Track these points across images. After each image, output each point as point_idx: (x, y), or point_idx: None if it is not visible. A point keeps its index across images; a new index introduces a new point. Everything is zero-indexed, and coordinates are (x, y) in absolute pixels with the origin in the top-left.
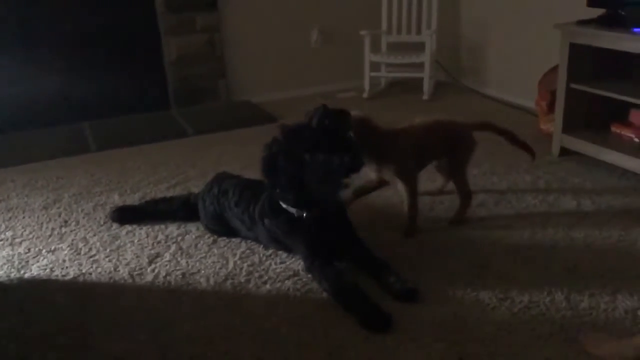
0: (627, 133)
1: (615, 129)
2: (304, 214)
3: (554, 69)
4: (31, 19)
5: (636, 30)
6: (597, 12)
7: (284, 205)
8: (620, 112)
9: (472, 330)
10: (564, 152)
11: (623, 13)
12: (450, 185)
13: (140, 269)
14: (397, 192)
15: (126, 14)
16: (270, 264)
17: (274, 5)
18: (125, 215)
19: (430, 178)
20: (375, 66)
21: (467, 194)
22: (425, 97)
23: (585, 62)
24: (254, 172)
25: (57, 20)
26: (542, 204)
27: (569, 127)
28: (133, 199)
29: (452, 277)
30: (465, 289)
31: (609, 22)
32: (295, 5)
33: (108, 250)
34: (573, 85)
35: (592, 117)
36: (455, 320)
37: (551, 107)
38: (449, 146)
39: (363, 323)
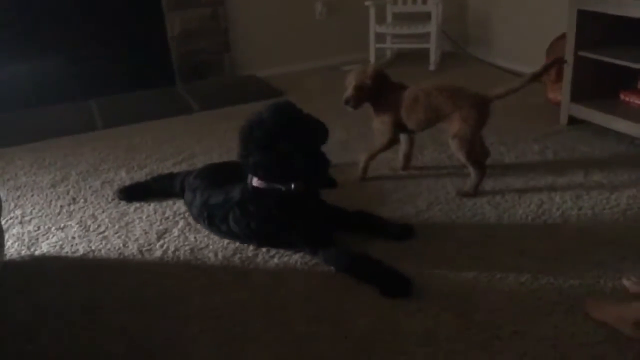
0: (636, 100)
1: (624, 96)
2: (292, 186)
3: (562, 36)
4: None
5: None
6: None
7: (261, 186)
8: (628, 80)
9: (479, 300)
10: (572, 120)
11: None
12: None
13: (149, 244)
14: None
15: None
16: None
17: None
18: (131, 193)
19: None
20: (380, 37)
21: (480, 166)
22: (431, 67)
23: (593, 29)
24: None
25: None
26: (550, 174)
27: (577, 96)
28: (140, 176)
29: (459, 247)
30: (473, 259)
31: None
32: None
33: (117, 226)
34: (581, 53)
35: (600, 85)
36: (462, 290)
37: (559, 76)
38: (450, 111)
39: (384, 290)
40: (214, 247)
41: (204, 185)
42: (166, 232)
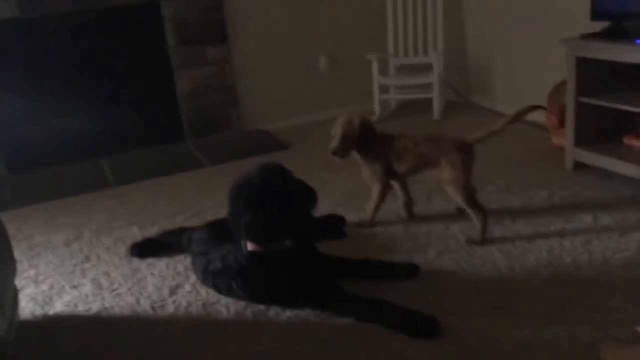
0: (639, 144)
1: (627, 140)
2: (287, 244)
3: (563, 83)
4: (44, 59)
5: (639, 41)
6: (601, 25)
7: (257, 250)
8: (631, 124)
9: (493, 350)
10: (578, 165)
11: (626, 26)
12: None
13: (162, 300)
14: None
15: (139, 50)
16: None
17: (281, 35)
18: (143, 249)
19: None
20: (384, 89)
21: (479, 209)
22: (435, 116)
23: (593, 75)
24: None
25: (72, 59)
26: (559, 220)
27: (580, 141)
28: (152, 232)
29: (471, 296)
30: (485, 307)
31: (613, 34)
32: (301, 33)
33: (130, 283)
34: (582, 99)
35: (603, 130)
36: (476, 339)
37: (562, 122)
38: (436, 158)
39: (410, 331)
40: (226, 301)
41: (201, 249)
42: (178, 287)
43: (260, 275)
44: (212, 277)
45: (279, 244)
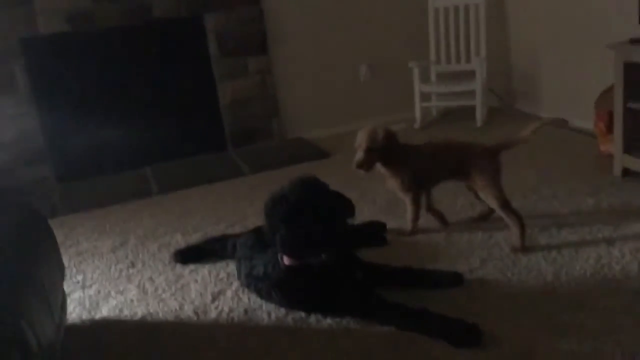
0: None
1: None
2: (322, 257)
3: (610, 88)
4: (90, 71)
5: None
6: None
7: (293, 264)
8: None
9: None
10: (626, 172)
11: None
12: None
13: (204, 306)
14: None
15: (183, 61)
16: None
17: (321, 45)
18: (187, 256)
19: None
20: (425, 96)
21: (515, 215)
22: (478, 124)
23: None
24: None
25: (118, 71)
26: (607, 227)
27: (629, 147)
28: (195, 239)
29: (516, 305)
30: (531, 317)
31: None
32: (341, 42)
33: (173, 289)
34: (630, 105)
35: None
36: (522, 350)
37: (610, 128)
38: (457, 168)
39: (454, 341)
40: (267, 307)
41: (246, 254)
42: (220, 293)
43: (297, 289)
44: (255, 282)
45: (314, 258)
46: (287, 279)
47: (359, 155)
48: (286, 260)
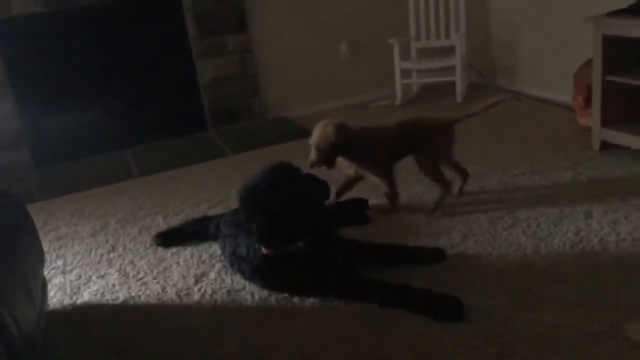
0: None
1: None
2: (301, 246)
3: (589, 62)
4: (67, 52)
5: None
6: (628, 2)
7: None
8: None
9: (521, 331)
10: (605, 145)
11: None
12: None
13: (187, 288)
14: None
15: (160, 41)
16: None
17: (301, 22)
18: (168, 239)
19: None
20: (406, 73)
21: (446, 187)
22: (458, 99)
23: (620, 53)
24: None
25: (95, 52)
26: (586, 200)
27: (608, 120)
28: (177, 221)
29: (497, 279)
30: (512, 290)
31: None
32: (321, 20)
33: (155, 272)
34: (609, 78)
35: (631, 109)
36: (503, 321)
37: (588, 101)
38: (419, 142)
39: (435, 314)
40: (250, 288)
41: (231, 232)
42: (203, 275)
43: (276, 276)
44: (239, 262)
45: (291, 246)
46: (266, 266)
47: (312, 155)
48: (264, 250)
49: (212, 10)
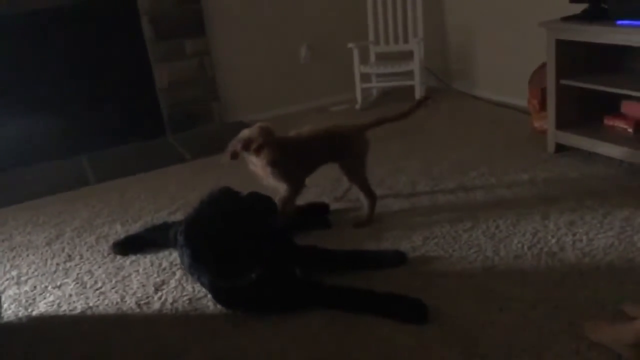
0: (621, 124)
1: (608, 121)
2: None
3: (543, 66)
4: (21, 56)
5: (619, 22)
6: (581, 7)
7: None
8: (611, 105)
9: (482, 333)
10: (560, 148)
11: (605, 6)
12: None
13: (147, 297)
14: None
15: (115, 45)
16: None
17: (261, 26)
18: (127, 247)
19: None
20: (365, 77)
21: (371, 195)
22: None
23: (573, 57)
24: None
25: (47, 55)
26: (542, 202)
27: (562, 123)
28: (135, 228)
29: (458, 281)
30: (473, 292)
31: (592, 16)
32: (281, 23)
33: (114, 281)
34: (563, 82)
35: (584, 112)
36: (464, 323)
37: (543, 105)
38: (336, 151)
39: (398, 317)
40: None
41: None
42: (163, 283)
43: (236, 303)
44: (198, 274)
45: (244, 277)
46: (224, 296)
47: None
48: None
49: (170, 13)
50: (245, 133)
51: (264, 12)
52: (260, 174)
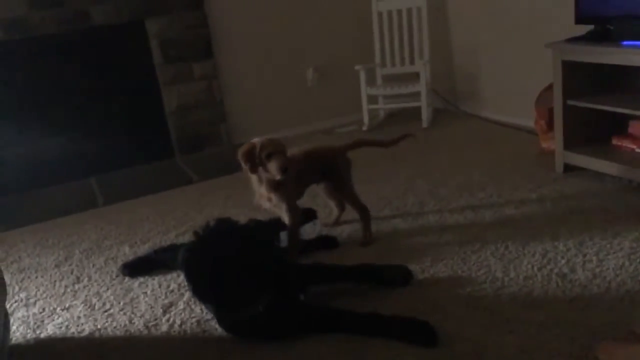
0: (628, 144)
1: (616, 141)
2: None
3: (549, 87)
4: (32, 81)
5: (625, 43)
6: (586, 28)
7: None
8: (619, 125)
9: (492, 356)
10: (568, 168)
11: (611, 28)
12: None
13: (155, 319)
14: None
15: (125, 68)
16: None
17: (268, 49)
18: (136, 268)
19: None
20: (372, 99)
21: (363, 209)
22: (424, 125)
23: (579, 78)
24: (262, 214)
25: (59, 80)
26: (551, 222)
27: (570, 144)
28: (144, 250)
29: (468, 302)
30: (482, 313)
31: (598, 37)
32: (288, 47)
33: (122, 303)
34: (569, 102)
35: (592, 132)
36: (474, 345)
37: (550, 125)
38: (325, 170)
39: (410, 339)
40: None
41: None
42: (172, 305)
43: (242, 332)
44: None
45: (250, 309)
46: (231, 326)
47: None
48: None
49: (178, 37)
50: (253, 141)
51: (271, 35)
52: (263, 195)
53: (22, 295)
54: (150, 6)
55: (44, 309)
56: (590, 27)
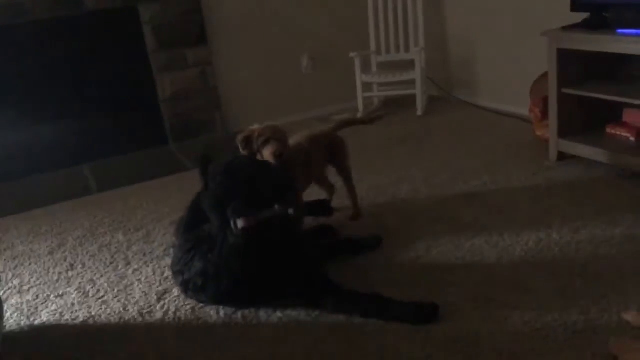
0: (622, 133)
1: (610, 129)
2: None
3: (544, 75)
4: (24, 66)
5: (620, 31)
6: (582, 16)
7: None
8: (613, 113)
9: (485, 342)
10: (562, 156)
11: (607, 15)
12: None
13: (150, 306)
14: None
15: (118, 54)
16: None
17: (263, 36)
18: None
19: None
20: (367, 86)
21: (352, 185)
22: (419, 112)
23: (575, 66)
24: None
25: (51, 66)
26: (545, 210)
27: (564, 132)
28: (137, 237)
29: (461, 290)
30: (476, 300)
31: (593, 25)
32: (283, 33)
33: (116, 290)
34: (564, 90)
35: (586, 120)
36: (468, 332)
37: (545, 113)
38: (331, 153)
39: (415, 318)
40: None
41: (178, 268)
42: (166, 292)
43: (254, 254)
44: (196, 295)
45: (269, 210)
46: (242, 244)
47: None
48: (240, 223)
49: (172, 23)
50: (253, 128)
51: (265, 22)
52: None
53: (16, 282)
54: None
55: (37, 296)
56: (586, 14)
